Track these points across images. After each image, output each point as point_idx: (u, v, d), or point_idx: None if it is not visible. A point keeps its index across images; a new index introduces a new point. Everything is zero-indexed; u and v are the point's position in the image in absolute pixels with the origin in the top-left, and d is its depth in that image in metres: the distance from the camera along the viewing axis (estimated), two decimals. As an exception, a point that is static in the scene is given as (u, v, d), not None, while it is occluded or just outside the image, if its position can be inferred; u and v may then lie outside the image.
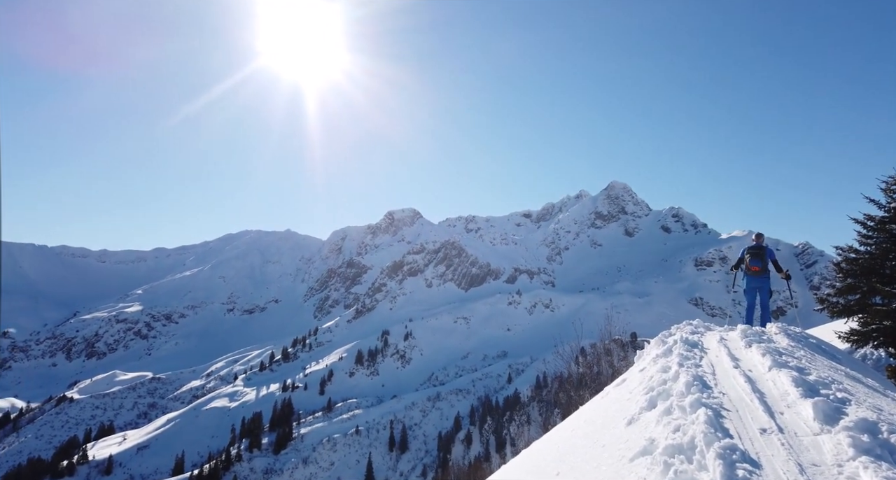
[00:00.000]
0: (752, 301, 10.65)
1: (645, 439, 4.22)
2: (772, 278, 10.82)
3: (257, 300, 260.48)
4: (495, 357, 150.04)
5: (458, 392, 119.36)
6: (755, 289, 10.59)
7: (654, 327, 59.91)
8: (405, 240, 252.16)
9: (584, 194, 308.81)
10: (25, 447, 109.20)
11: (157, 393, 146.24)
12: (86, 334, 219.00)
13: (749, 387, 4.75)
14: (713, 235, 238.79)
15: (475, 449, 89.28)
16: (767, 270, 10.57)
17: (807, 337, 7.91)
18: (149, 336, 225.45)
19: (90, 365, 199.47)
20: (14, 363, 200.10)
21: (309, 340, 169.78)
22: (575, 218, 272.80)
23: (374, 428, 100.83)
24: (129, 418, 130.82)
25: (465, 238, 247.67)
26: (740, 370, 5.41)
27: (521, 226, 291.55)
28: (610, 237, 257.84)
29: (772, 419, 3.95)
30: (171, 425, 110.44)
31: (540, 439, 8.13)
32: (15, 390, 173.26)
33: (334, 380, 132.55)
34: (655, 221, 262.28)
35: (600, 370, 19.92)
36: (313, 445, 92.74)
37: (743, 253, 10.77)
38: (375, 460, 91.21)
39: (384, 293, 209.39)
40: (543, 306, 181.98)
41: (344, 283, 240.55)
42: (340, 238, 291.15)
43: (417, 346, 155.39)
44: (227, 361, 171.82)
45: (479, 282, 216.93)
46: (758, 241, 10.74)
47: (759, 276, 10.51)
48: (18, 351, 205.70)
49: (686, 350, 6.71)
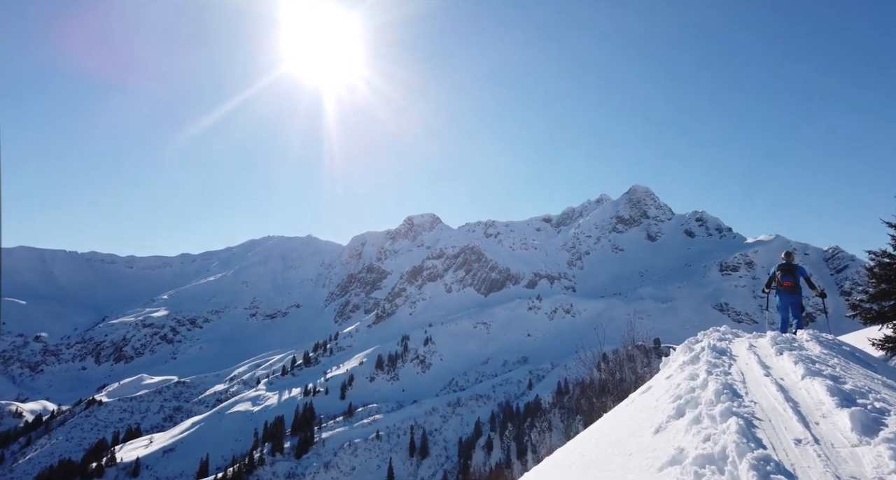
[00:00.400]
0: (786, 316, 10.84)
1: (674, 448, 4.15)
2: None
3: (279, 305, 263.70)
4: (515, 362, 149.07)
5: (478, 397, 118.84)
6: (787, 305, 10.82)
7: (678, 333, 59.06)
8: (424, 245, 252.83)
9: (605, 198, 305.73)
10: (56, 448, 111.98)
11: (182, 396, 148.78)
12: (114, 338, 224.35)
13: (782, 396, 4.63)
14: (738, 240, 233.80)
15: (496, 456, 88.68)
16: (799, 286, 10.82)
17: (840, 345, 7.69)
18: (174, 340, 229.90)
19: (118, 369, 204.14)
20: (46, 366, 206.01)
21: (330, 345, 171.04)
22: (596, 222, 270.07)
23: (395, 433, 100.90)
24: (156, 421, 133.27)
25: (485, 243, 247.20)
26: (772, 378, 5.28)
27: (540, 230, 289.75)
28: (632, 241, 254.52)
29: (807, 429, 3.84)
30: (195, 428, 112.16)
31: (563, 446, 8.05)
32: (47, 393, 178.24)
33: (355, 385, 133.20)
34: (678, 225, 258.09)
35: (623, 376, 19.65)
36: (335, 450, 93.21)
37: (774, 272, 11.07)
38: (396, 465, 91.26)
39: (404, 298, 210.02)
40: (564, 311, 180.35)
41: (364, 288, 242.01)
42: (360, 243, 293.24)
43: (437, 351, 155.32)
44: (249, 365, 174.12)
45: (499, 287, 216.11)
46: (788, 259, 11.06)
47: (790, 292, 10.75)
48: (50, 355, 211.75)
49: (714, 357, 6.58)
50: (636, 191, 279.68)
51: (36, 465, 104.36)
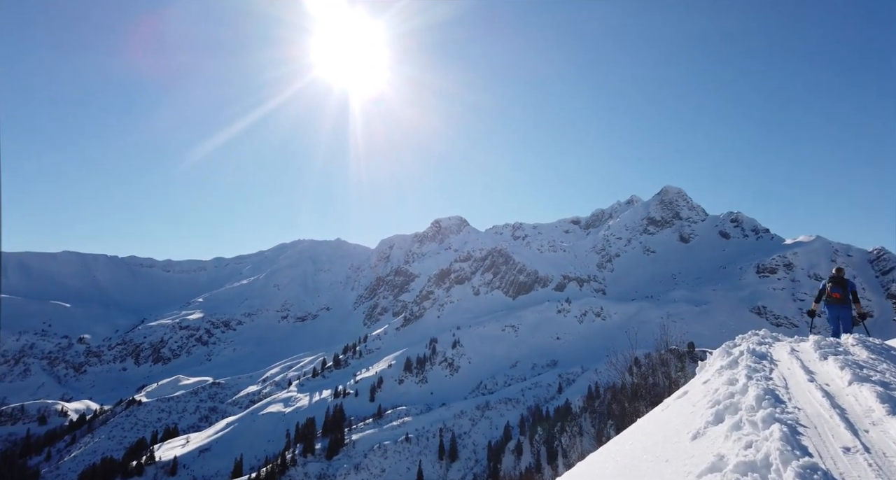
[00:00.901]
0: (836, 328, 10.85)
1: (713, 455, 4.03)
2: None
3: (309, 307, 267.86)
4: (544, 366, 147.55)
5: (507, 401, 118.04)
6: (836, 317, 10.91)
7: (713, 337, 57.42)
8: (452, 247, 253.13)
9: (635, 199, 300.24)
10: (99, 446, 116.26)
11: (216, 397, 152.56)
12: (152, 340, 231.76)
13: (827, 403, 4.45)
14: (776, 241, 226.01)
15: (526, 460, 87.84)
16: (849, 299, 10.95)
17: (888, 349, 7.36)
18: (209, 342, 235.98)
19: (156, 370, 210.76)
20: (89, 367, 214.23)
21: (359, 347, 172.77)
22: (626, 224, 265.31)
23: (424, 436, 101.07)
24: (192, 421, 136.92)
25: (512, 245, 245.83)
26: (816, 384, 5.08)
27: (569, 232, 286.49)
28: (664, 243, 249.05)
29: (856, 437, 3.68)
30: (230, 429, 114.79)
31: (596, 451, 7.94)
32: (90, 393, 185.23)
33: (384, 387, 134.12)
34: (712, 226, 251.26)
35: (656, 381, 19.22)
36: (364, 451, 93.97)
37: (824, 285, 11.27)
38: (426, 468, 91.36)
39: (431, 301, 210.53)
40: (594, 314, 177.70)
41: (392, 291, 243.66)
42: (388, 246, 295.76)
43: (465, 354, 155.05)
44: (281, 367, 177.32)
45: (527, 290, 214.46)
46: (838, 274, 11.23)
47: (840, 304, 10.89)
48: (93, 356, 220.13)
49: (754, 361, 6.37)
50: (668, 191, 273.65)
51: (80, 463, 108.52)
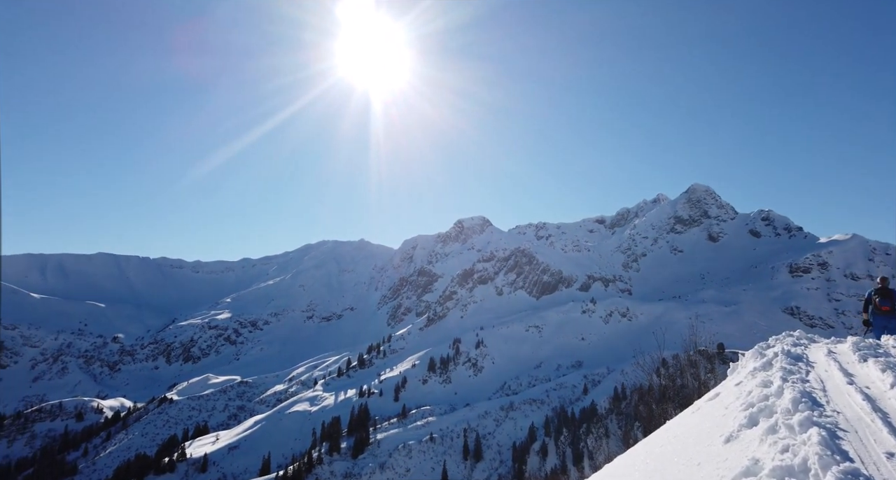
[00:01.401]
0: (880, 335, 10.62)
1: (747, 459, 3.92)
2: None
3: (334, 307, 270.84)
4: (569, 367, 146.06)
5: (531, 401, 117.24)
6: (884, 327, 10.83)
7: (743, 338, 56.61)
8: (475, 247, 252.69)
9: (662, 198, 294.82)
10: (133, 443, 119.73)
11: (245, 396, 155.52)
12: (182, 340, 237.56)
13: (868, 406, 4.29)
14: (810, 239, 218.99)
15: (551, 461, 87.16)
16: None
17: (933, 351, 7.05)
18: (237, 341, 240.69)
19: (186, 369, 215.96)
20: (123, 366, 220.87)
21: (383, 347, 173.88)
22: (653, 223, 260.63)
23: (448, 436, 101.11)
24: (221, 419, 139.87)
25: (536, 245, 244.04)
26: (856, 386, 4.90)
27: (593, 232, 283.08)
28: (691, 242, 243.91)
29: (900, 442, 3.53)
30: (257, 427, 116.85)
31: (624, 453, 7.83)
32: (124, 390, 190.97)
33: (408, 387, 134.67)
34: (742, 225, 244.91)
35: (685, 383, 18.84)
36: (389, 451, 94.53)
37: (869, 295, 11.20)
38: (450, 468, 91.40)
39: (455, 301, 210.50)
40: (620, 315, 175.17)
41: (415, 291, 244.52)
42: (411, 247, 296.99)
43: (489, 355, 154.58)
44: (307, 366, 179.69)
45: (551, 290, 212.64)
46: (883, 284, 11.12)
47: (889, 315, 10.80)
48: (126, 355, 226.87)
49: (789, 363, 6.19)
50: (695, 190, 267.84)
51: (115, 458, 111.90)
